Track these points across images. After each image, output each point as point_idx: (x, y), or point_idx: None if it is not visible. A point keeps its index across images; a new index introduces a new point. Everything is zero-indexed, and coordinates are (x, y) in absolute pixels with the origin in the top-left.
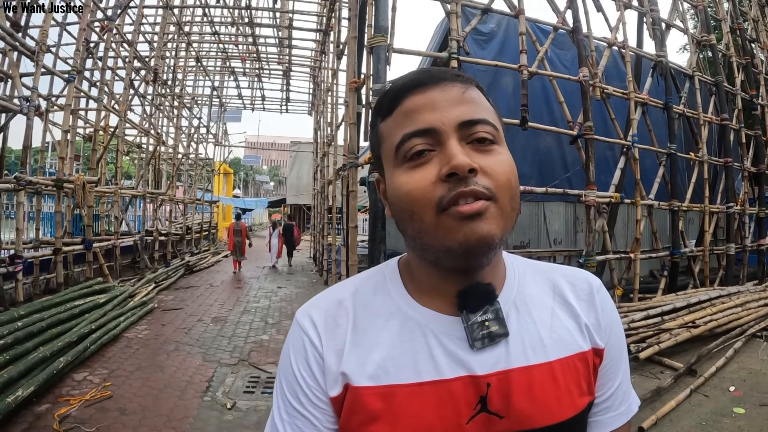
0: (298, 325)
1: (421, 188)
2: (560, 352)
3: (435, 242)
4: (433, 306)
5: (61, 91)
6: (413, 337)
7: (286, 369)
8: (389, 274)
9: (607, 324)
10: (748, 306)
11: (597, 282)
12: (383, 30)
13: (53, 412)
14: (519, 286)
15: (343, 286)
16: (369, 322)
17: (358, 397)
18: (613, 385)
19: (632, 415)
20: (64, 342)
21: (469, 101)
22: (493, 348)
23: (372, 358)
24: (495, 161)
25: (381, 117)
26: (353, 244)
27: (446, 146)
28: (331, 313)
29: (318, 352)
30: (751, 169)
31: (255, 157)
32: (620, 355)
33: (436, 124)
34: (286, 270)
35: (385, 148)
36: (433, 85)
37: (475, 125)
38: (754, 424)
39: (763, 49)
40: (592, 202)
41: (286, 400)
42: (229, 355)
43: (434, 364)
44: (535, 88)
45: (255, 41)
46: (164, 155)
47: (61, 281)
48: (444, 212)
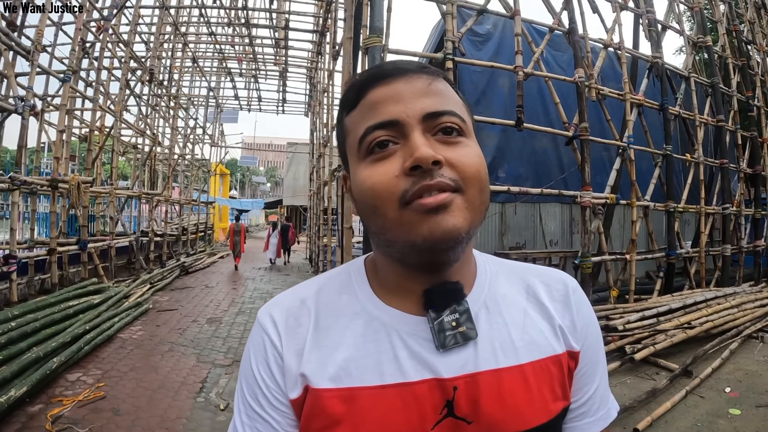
0: (259, 324)
1: (384, 182)
2: (532, 355)
3: (399, 237)
4: (399, 306)
5: (57, 90)
6: (377, 338)
7: (246, 370)
8: (355, 272)
9: (583, 326)
10: (744, 307)
11: (573, 283)
12: (378, 31)
13: (46, 412)
14: (490, 285)
15: (307, 285)
16: (332, 322)
17: (318, 400)
18: (589, 389)
19: (611, 420)
20: (57, 342)
21: (435, 93)
22: (461, 350)
23: (334, 359)
24: (462, 153)
25: (346, 111)
26: (348, 245)
27: (410, 138)
28: (293, 312)
29: (278, 353)
30: (747, 170)
31: (251, 158)
32: (597, 358)
33: (400, 116)
34: (284, 266)
35: (349, 142)
36: (398, 77)
37: (441, 116)
38: (749, 425)
39: (759, 51)
40: (587, 203)
41: (246, 403)
42: (224, 356)
43: (398, 366)
44: (531, 89)
45: (251, 42)
46: (160, 156)
47: (56, 282)
48: (407, 206)
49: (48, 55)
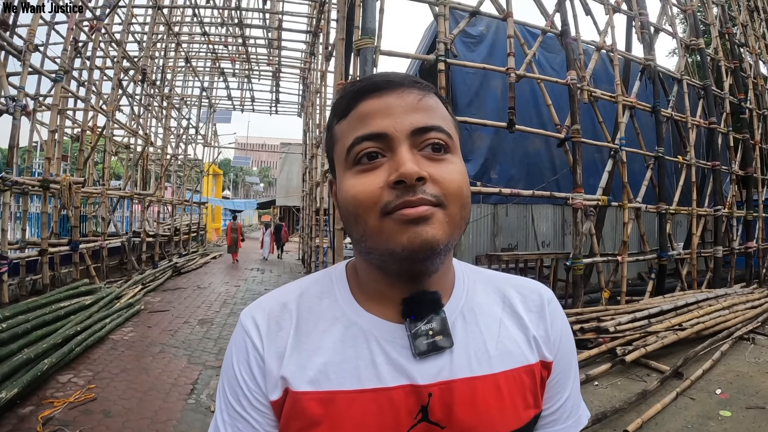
0: (241, 326)
1: (367, 192)
2: (506, 364)
3: (379, 245)
4: (378, 312)
5: (49, 90)
6: (356, 343)
7: (228, 370)
8: (336, 278)
9: (557, 337)
10: (735, 308)
11: (549, 294)
12: (371, 32)
13: (37, 414)
14: (468, 295)
15: (288, 289)
16: (312, 326)
17: (297, 402)
18: (561, 398)
19: (581, 427)
20: (49, 344)
21: (424, 109)
22: (437, 357)
23: (313, 363)
24: (446, 170)
25: (337, 119)
26: (339, 246)
27: (397, 153)
28: (274, 315)
29: (259, 355)
30: (739, 172)
31: (245, 158)
32: (569, 368)
33: (388, 129)
34: (277, 260)
35: (337, 150)
36: (389, 91)
37: (428, 132)
38: (740, 427)
39: (752, 54)
40: (579, 205)
41: (227, 402)
42: (215, 358)
43: (376, 371)
44: (524, 91)
45: (245, 42)
46: (152, 156)
47: (48, 282)
48: (388, 215)
49: (40, 54)
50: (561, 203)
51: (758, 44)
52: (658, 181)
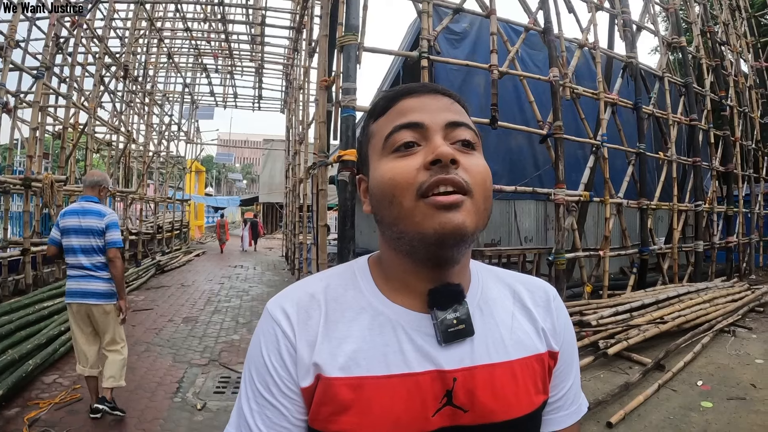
0: (270, 315)
1: (404, 173)
2: (520, 353)
3: (411, 228)
4: (402, 302)
5: (30, 87)
6: (383, 332)
7: (256, 359)
8: (359, 270)
9: (562, 329)
10: (716, 302)
11: (553, 291)
12: (354, 29)
13: (23, 415)
14: (483, 289)
15: (313, 281)
16: (339, 316)
17: (329, 388)
18: (565, 386)
19: (581, 415)
20: (33, 344)
21: (456, 111)
22: (460, 345)
23: (343, 350)
24: (474, 162)
25: (374, 118)
26: (323, 242)
27: (432, 140)
28: (303, 305)
29: (290, 343)
30: (719, 168)
31: (227, 154)
32: (572, 359)
33: (425, 120)
34: (254, 252)
35: (373, 143)
36: (425, 93)
37: (460, 126)
38: (721, 418)
39: (733, 52)
40: (561, 200)
41: (255, 390)
42: (200, 356)
43: (403, 357)
44: (507, 87)
45: (228, 38)
46: (135, 153)
47: (30, 282)
48: (423, 199)
49: (21, 50)
50: (543, 199)
51: (739, 43)
52: (640, 177)
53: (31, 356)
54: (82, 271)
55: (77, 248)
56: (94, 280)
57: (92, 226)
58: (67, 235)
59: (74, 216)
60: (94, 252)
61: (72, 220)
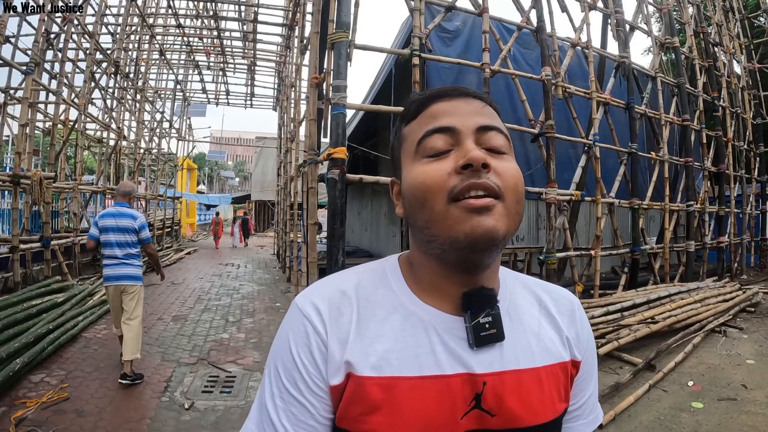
0: (299, 311)
1: (436, 177)
2: (546, 360)
3: (442, 232)
4: (434, 304)
5: (20, 83)
6: (415, 332)
7: (284, 355)
8: (390, 269)
9: (585, 340)
10: (707, 302)
11: (577, 301)
12: (345, 26)
13: (9, 415)
14: (511, 295)
15: (344, 277)
16: (371, 314)
17: (360, 387)
18: (585, 395)
19: (599, 423)
20: (20, 343)
21: (487, 114)
22: (490, 350)
23: (375, 349)
24: (506, 165)
25: (405, 122)
26: (313, 240)
27: (464, 144)
28: (335, 302)
29: (322, 340)
30: (711, 168)
31: (220, 152)
32: (593, 369)
33: (456, 124)
34: (244, 247)
35: (405, 147)
36: (457, 97)
37: (491, 131)
38: (712, 419)
39: (726, 53)
40: (553, 199)
41: (281, 387)
42: (189, 354)
43: (435, 359)
44: (499, 86)
45: (220, 35)
46: (126, 150)
47: (19, 280)
48: (454, 202)
49: (11, 46)
50: (535, 198)
51: (732, 44)
52: (632, 176)
53: (19, 355)
54: (116, 260)
55: (114, 243)
56: (125, 266)
57: (126, 226)
58: (105, 233)
59: (111, 218)
60: (127, 246)
61: (109, 221)
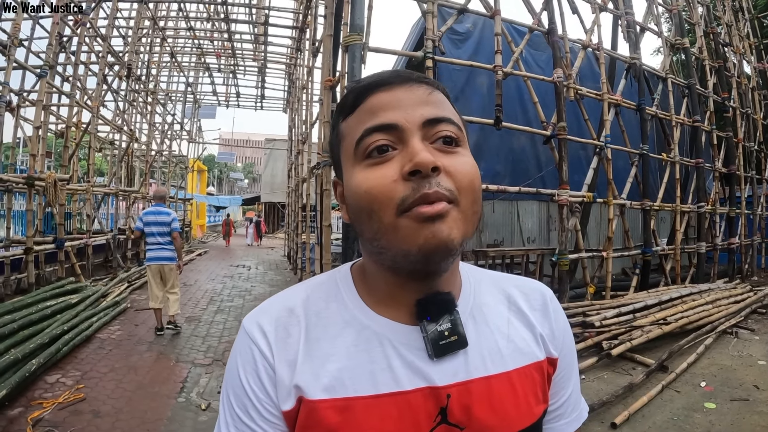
0: (246, 333)
1: (381, 185)
2: (518, 362)
3: (393, 245)
4: (389, 315)
5: (33, 86)
6: (370, 348)
7: (234, 381)
8: (341, 280)
9: (561, 334)
10: (718, 303)
11: (549, 292)
12: (359, 28)
13: (26, 415)
14: (475, 295)
15: (292, 293)
16: (322, 332)
17: (313, 411)
18: (565, 393)
19: (583, 420)
20: (36, 344)
21: (434, 102)
22: (453, 358)
23: (327, 370)
24: (458, 162)
25: (343, 116)
26: (327, 242)
27: (409, 144)
28: (282, 321)
29: (269, 364)
30: (722, 169)
31: (229, 154)
32: (572, 364)
33: (399, 120)
34: (257, 246)
35: (344, 146)
36: (398, 85)
37: (439, 123)
38: (724, 419)
39: (736, 53)
40: (564, 201)
41: (234, 415)
42: (203, 355)
43: (392, 375)
44: (510, 88)
45: (230, 37)
46: (137, 152)
47: (33, 281)
48: (404, 214)
49: (24, 49)
50: (546, 199)
51: (742, 44)
52: (643, 178)
53: (34, 356)
54: (158, 246)
55: (156, 233)
56: (164, 250)
57: (164, 221)
58: (149, 226)
59: (152, 215)
60: (165, 234)
61: (151, 217)
